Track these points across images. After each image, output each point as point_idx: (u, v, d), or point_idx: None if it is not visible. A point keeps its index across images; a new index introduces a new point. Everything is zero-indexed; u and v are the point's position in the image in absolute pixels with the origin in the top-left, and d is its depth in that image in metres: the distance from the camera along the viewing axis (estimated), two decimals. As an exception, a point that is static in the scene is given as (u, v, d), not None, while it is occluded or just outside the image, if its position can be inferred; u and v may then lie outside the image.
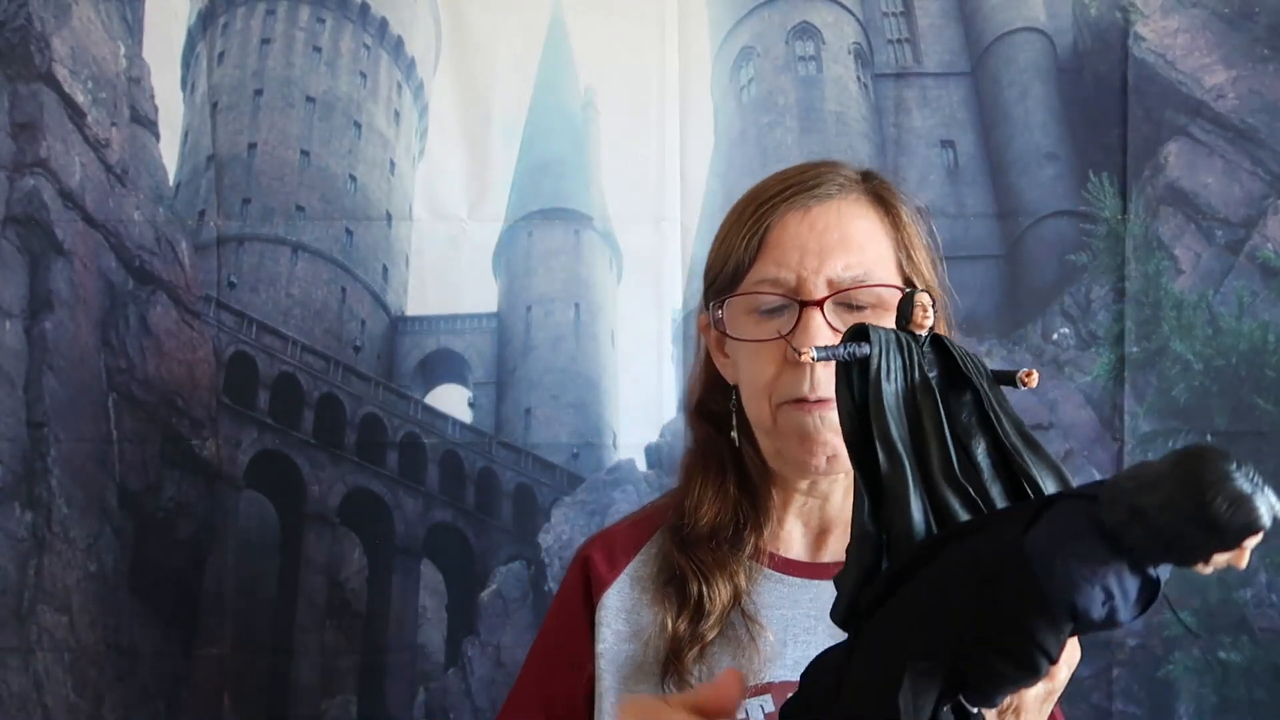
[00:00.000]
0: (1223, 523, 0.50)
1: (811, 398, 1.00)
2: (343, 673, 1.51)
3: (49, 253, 1.48)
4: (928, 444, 0.81)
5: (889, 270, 1.07)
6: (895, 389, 0.82)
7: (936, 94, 1.55)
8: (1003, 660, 0.55)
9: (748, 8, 1.55)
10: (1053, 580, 0.53)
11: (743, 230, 1.06)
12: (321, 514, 1.51)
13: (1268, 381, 1.50)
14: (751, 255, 1.05)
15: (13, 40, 1.48)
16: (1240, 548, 0.53)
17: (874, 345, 0.82)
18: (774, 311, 1.04)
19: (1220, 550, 0.52)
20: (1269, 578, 1.50)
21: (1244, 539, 0.51)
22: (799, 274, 1.03)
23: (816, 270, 1.02)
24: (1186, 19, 1.52)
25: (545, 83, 1.55)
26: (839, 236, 1.05)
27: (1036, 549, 0.54)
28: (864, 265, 1.04)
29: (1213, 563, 0.53)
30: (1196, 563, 0.53)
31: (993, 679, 0.57)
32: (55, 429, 1.47)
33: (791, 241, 1.04)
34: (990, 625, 0.55)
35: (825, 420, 1.01)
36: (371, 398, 1.53)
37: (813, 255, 1.03)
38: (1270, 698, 1.50)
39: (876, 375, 0.81)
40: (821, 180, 1.07)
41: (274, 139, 1.53)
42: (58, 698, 1.46)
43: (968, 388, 0.83)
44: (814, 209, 1.05)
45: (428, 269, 1.54)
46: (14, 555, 1.46)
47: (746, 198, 1.11)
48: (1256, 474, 0.51)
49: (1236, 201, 1.51)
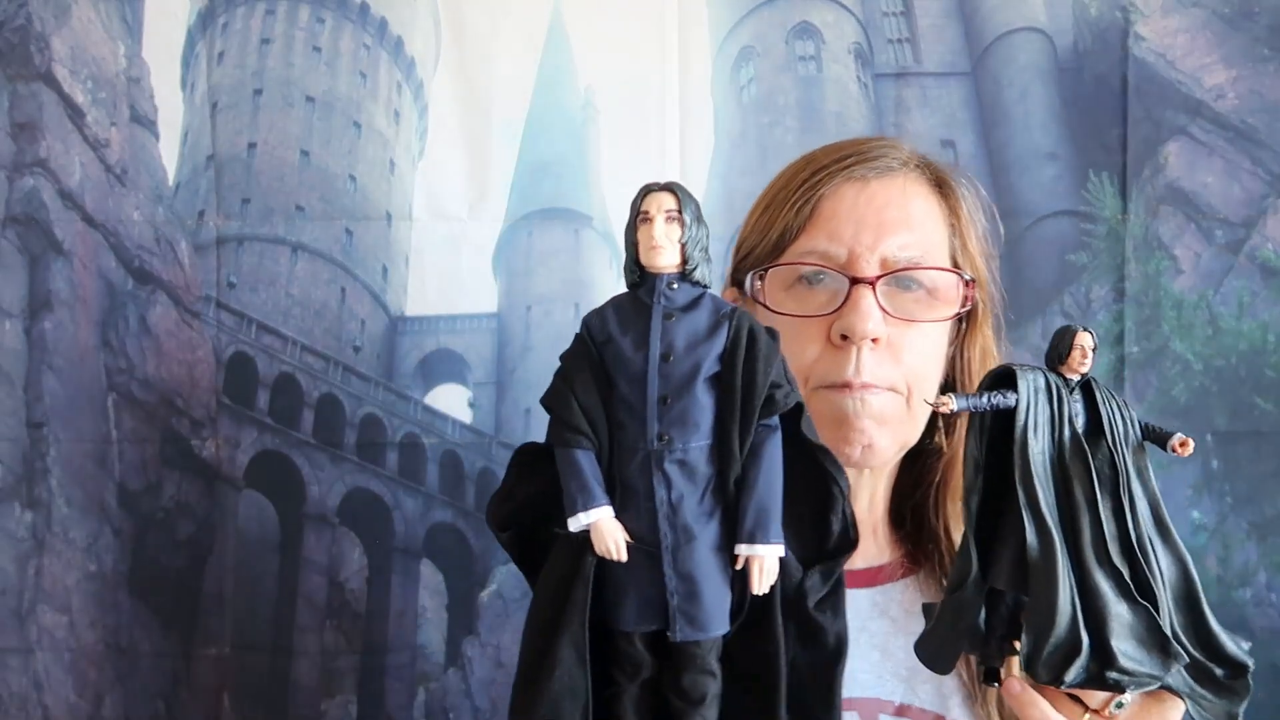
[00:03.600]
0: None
1: (856, 382, 0.95)
2: (343, 673, 1.51)
3: (49, 253, 1.48)
4: (1079, 516, 0.75)
5: (943, 256, 1.01)
6: (1043, 447, 0.75)
7: (936, 94, 1.55)
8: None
9: (748, 8, 1.55)
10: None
11: (792, 198, 0.99)
12: (321, 514, 1.51)
13: (1268, 381, 1.50)
14: (801, 224, 0.98)
15: (13, 40, 1.48)
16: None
17: (1022, 397, 0.75)
18: (817, 286, 0.98)
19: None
20: (1269, 578, 1.50)
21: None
22: (852, 249, 0.96)
23: (871, 246, 0.96)
24: (1186, 19, 1.52)
25: (545, 83, 1.55)
26: (899, 214, 0.98)
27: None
28: (921, 246, 0.98)
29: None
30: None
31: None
32: (55, 429, 1.47)
33: (848, 214, 0.98)
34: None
35: (866, 405, 0.96)
36: (371, 398, 1.53)
37: (869, 230, 0.97)
38: (1270, 698, 1.50)
39: (1024, 433, 0.74)
40: (884, 153, 1.01)
41: (274, 139, 1.53)
42: (58, 698, 1.46)
43: (1105, 445, 0.77)
44: (873, 182, 0.99)
45: (428, 269, 1.54)
46: (14, 555, 1.46)
47: (796, 166, 1.03)
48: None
49: (1236, 201, 1.51)
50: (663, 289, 0.72)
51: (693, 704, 0.72)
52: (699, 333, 0.71)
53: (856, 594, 1.00)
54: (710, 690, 0.72)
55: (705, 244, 0.72)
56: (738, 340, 0.70)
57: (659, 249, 0.71)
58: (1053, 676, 0.73)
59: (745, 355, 0.70)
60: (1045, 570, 0.74)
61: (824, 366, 0.96)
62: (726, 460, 0.70)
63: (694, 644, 0.71)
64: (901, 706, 0.98)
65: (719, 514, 0.71)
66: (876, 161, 1.00)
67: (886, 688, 0.99)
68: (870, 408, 0.96)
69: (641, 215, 0.71)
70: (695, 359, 0.70)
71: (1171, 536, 0.78)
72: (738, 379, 0.70)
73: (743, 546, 0.70)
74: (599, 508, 0.70)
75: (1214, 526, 1.51)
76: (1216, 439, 1.51)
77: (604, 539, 0.70)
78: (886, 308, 0.96)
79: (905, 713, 0.98)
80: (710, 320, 0.71)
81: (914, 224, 0.99)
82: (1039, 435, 0.76)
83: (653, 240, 0.70)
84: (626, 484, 0.71)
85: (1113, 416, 0.79)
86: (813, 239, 0.98)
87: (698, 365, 0.70)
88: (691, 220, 0.71)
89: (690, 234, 0.71)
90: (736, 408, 0.70)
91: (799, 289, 0.98)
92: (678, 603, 0.70)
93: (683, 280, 0.72)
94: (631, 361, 0.71)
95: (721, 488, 0.71)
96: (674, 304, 0.71)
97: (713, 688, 0.72)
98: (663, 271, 0.72)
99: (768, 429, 0.70)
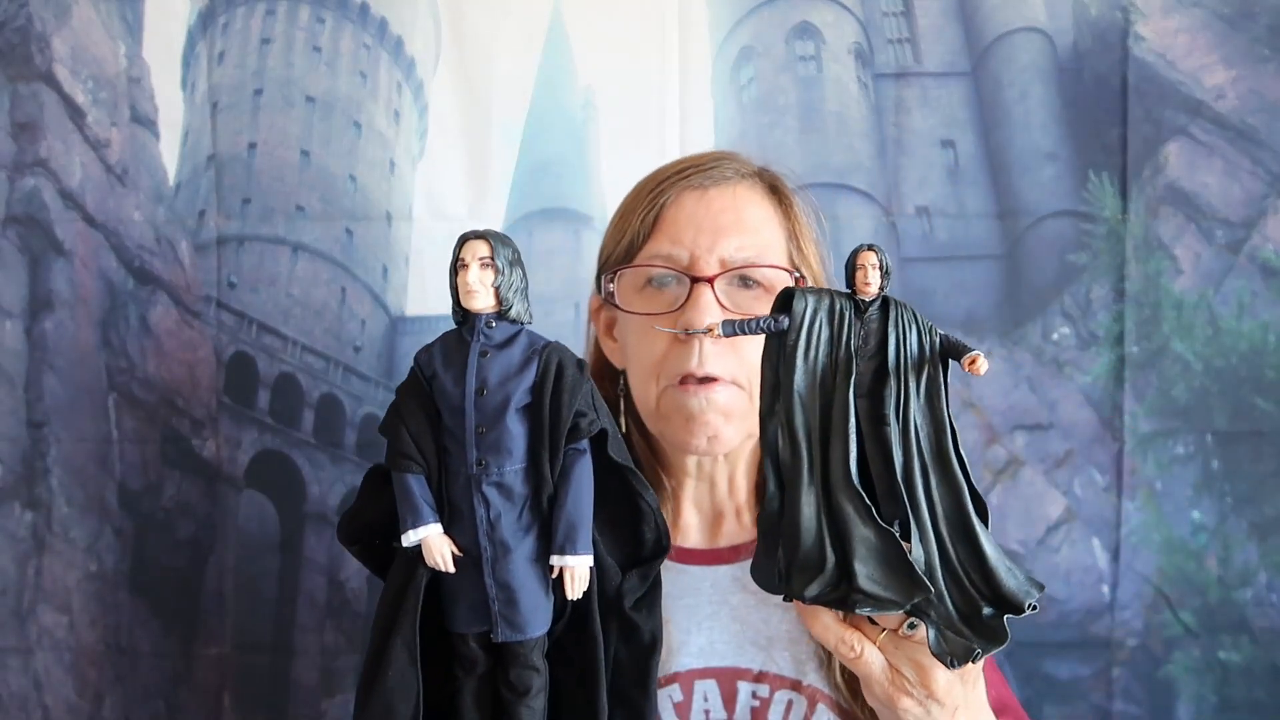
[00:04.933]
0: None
1: (699, 374, 1.03)
2: (343, 673, 1.51)
3: (49, 253, 1.48)
4: (831, 436, 0.79)
5: (779, 256, 1.09)
6: (812, 366, 0.80)
7: (936, 94, 1.55)
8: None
9: (748, 8, 1.55)
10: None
11: (639, 209, 1.09)
12: (321, 514, 1.51)
13: (1268, 381, 1.50)
14: (647, 231, 1.08)
15: (13, 40, 1.48)
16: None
17: (795, 316, 0.80)
18: (665, 287, 1.06)
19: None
20: (1269, 578, 1.50)
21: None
22: (692, 251, 1.05)
23: (710, 248, 1.05)
24: (1186, 19, 1.52)
25: (545, 83, 1.55)
26: (734, 218, 1.07)
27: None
28: (757, 248, 1.07)
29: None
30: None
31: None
32: (55, 429, 1.47)
33: (687, 219, 1.07)
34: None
35: (710, 401, 1.04)
36: (371, 398, 1.53)
37: (707, 233, 1.06)
38: (1270, 698, 1.50)
39: (791, 351, 0.80)
40: (720, 165, 1.11)
41: (274, 139, 1.53)
42: (58, 698, 1.46)
43: (885, 366, 0.79)
44: (711, 190, 1.08)
45: (428, 269, 1.54)
46: (14, 555, 1.46)
47: (643, 181, 1.14)
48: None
49: (1236, 201, 1.51)
50: (481, 328, 0.80)
51: (519, 695, 0.83)
52: (511, 367, 0.80)
53: (719, 570, 1.10)
54: (534, 684, 0.83)
55: (520, 285, 0.80)
56: (546, 373, 0.79)
57: (473, 293, 0.79)
58: (799, 592, 0.79)
59: (553, 387, 0.79)
60: (792, 487, 0.79)
61: (671, 360, 1.05)
62: (539, 482, 0.80)
63: (517, 643, 0.82)
64: (760, 674, 1.06)
65: (535, 529, 0.81)
66: (712, 172, 1.10)
67: (745, 656, 1.06)
68: (715, 403, 1.05)
69: (460, 262, 0.80)
70: (506, 392, 0.79)
71: (951, 467, 0.80)
72: (545, 409, 0.79)
73: (555, 558, 0.80)
74: (426, 525, 0.80)
75: (1214, 526, 1.51)
76: (1216, 439, 1.51)
77: (432, 553, 0.80)
78: (726, 304, 1.04)
79: (763, 679, 1.06)
80: (523, 356, 0.80)
81: (749, 228, 1.08)
82: (811, 354, 0.79)
83: (468, 286, 0.79)
84: (454, 503, 0.81)
85: (901, 336, 0.80)
86: (658, 243, 1.07)
87: (509, 398, 0.78)
88: (505, 265, 0.79)
89: (504, 278, 0.79)
90: (545, 435, 0.79)
91: (648, 291, 1.08)
92: (498, 608, 0.81)
93: (500, 319, 0.80)
94: (452, 395, 0.80)
95: (536, 506, 0.80)
96: (491, 341, 0.80)
97: (537, 681, 0.83)
98: (480, 313, 0.80)
99: (576, 452, 0.80)
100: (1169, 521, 1.51)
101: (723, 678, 1.05)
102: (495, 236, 0.79)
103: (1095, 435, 1.51)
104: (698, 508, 1.14)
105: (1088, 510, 1.51)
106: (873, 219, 1.53)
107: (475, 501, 0.80)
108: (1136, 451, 1.51)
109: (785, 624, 1.07)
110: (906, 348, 0.80)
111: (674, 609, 1.05)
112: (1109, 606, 1.51)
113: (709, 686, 1.04)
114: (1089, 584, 1.51)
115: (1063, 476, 1.52)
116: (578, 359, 0.81)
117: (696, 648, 1.06)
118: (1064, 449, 1.52)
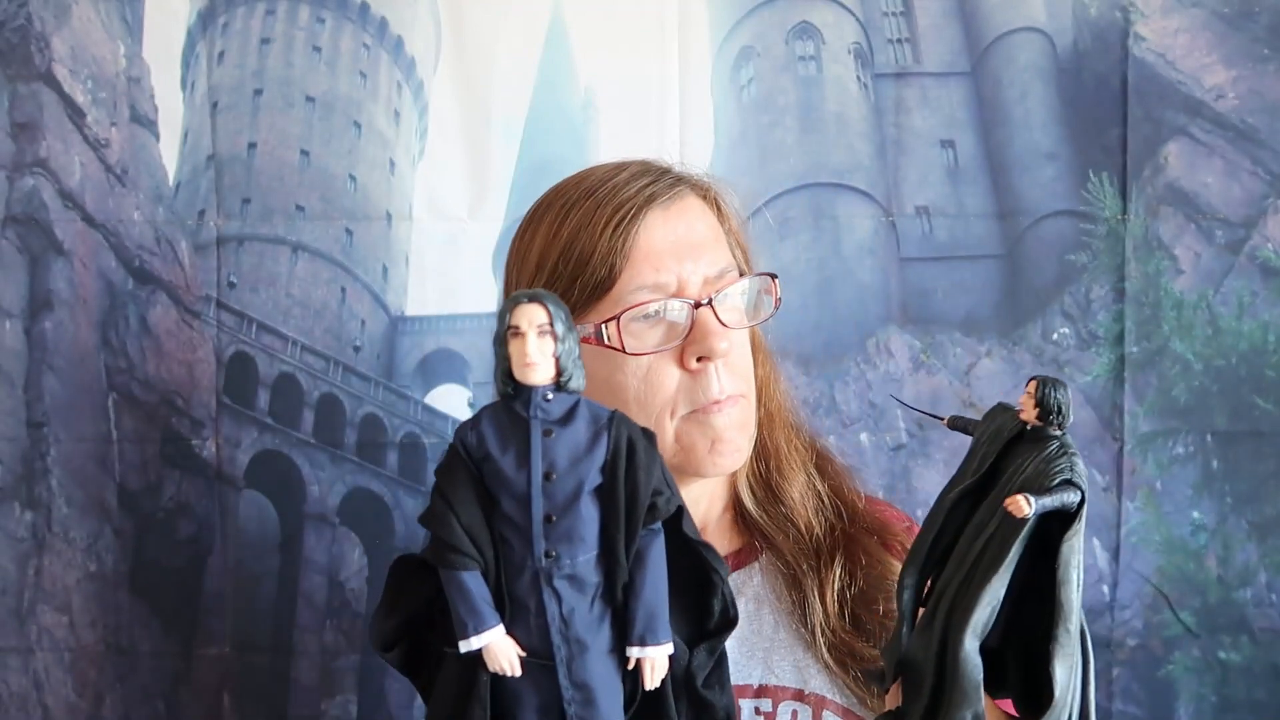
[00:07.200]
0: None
1: (722, 397, 1.00)
2: (343, 673, 1.51)
3: (49, 253, 1.48)
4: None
5: (729, 259, 1.06)
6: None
7: (936, 94, 1.55)
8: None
9: (748, 8, 1.55)
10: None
11: (604, 238, 1.01)
12: (321, 514, 1.51)
13: (1268, 381, 1.50)
14: (623, 262, 1.00)
15: (13, 40, 1.48)
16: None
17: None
18: (652, 321, 1.01)
19: None
20: (1269, 578, 1.50)
21: None
22: (679, 276, 1.00)
23: (694, 271, 1.01)
24: (1186, 19, 1.52)
25: (545, 83, 1.55)
26: (700, 235, 1.03)
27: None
28: (721, 260, 1.04)
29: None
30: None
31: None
32: (55, 429, 1.47)
33: (661, 245, 1.01)
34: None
35: (731, 419, 1.01)
36: (371, 398, 1.53)
37: (687, 259, 1.01)
38: (1270, 698, 1.50)
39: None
40: (666, 179, 1.05)
41: (274, 139, 1.53)
42: (58, 698, 1.46)
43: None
44: (671, 207, 1.03)
45: (428, 269, 1.54)
46: (14, 555, 1.46)
47: (588, 207, 1.04)
48: None
49: (1236, 201, 1.51)
50: (539, 401, 0.70)
51: None
52: (580, 447, 0.71)
53: None
54: None
55: (577, 352, 0.71)
56: (618, 452, 0.71)
57: (534, 366, 0.69)
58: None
59: (627, 466, 0.71)
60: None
61: (686, 391, 1.00)
62: (613, 569, 0.72)
63: None
64: (760, 688, 1.03)
65: (608, 619, 0.73)
66: (672, 188, 1.04)
67: (743, 671, 1.03)
68: (735, 420, 1.02)
69: (512, 330, 0.70)
70: (578, 476, 0.71)
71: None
72: (620, 491, 0.71)
73: (634, 650, 0.72)
74: (490, 630, 0.71)
75: (1214, 526, 1.51)
76: (1216, 439, 1.51)
77: (498, 660, 0.71)
78: (725, 322, 1.00)
79: (764, 694, 1.02)
80: (590, 432, 0.71)
81: (709, 242, 1.04)
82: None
83: (526, 357, 0.69)
84: (516, 599, 0.72)
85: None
86: (640, 275, 1.00)
87: (581, 482, 0.70)
88: (564, 331, 0.70)
89: (563, 346, 0.70)
90: (621, 519, 0.71)
91: (635, 327, 1.01)
92: (575, 710, 0.72)
93: (557, 390, 0.71)
94: (514, 481, 0.71)
95: (609, 593, 0.72)
96: (550, 417, 0.71)
97: None
98: (538, 385, 0.70)
99: (652, 533, 0.72)
100: (1169, 521, 1.51)
101: None
102: (550, 299, 0.70)
103: (1095, 435, 1.51)
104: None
105: (1088, 510, 1.51)
106: (872, 219, 1.53)
107: (545, 597, 0.71)
108: (1136, 451, 1.51)
109: (783, 630, 1.05)
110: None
111: None
112: (1109, 606, 1.51)
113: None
114: (1089, 584, 1.50)
115: (1063, 476, 1.52)
116: (644, 429, 0.74)
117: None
118: (1064, 449, 1.52)
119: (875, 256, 1.53)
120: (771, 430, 1.12)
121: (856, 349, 1.52)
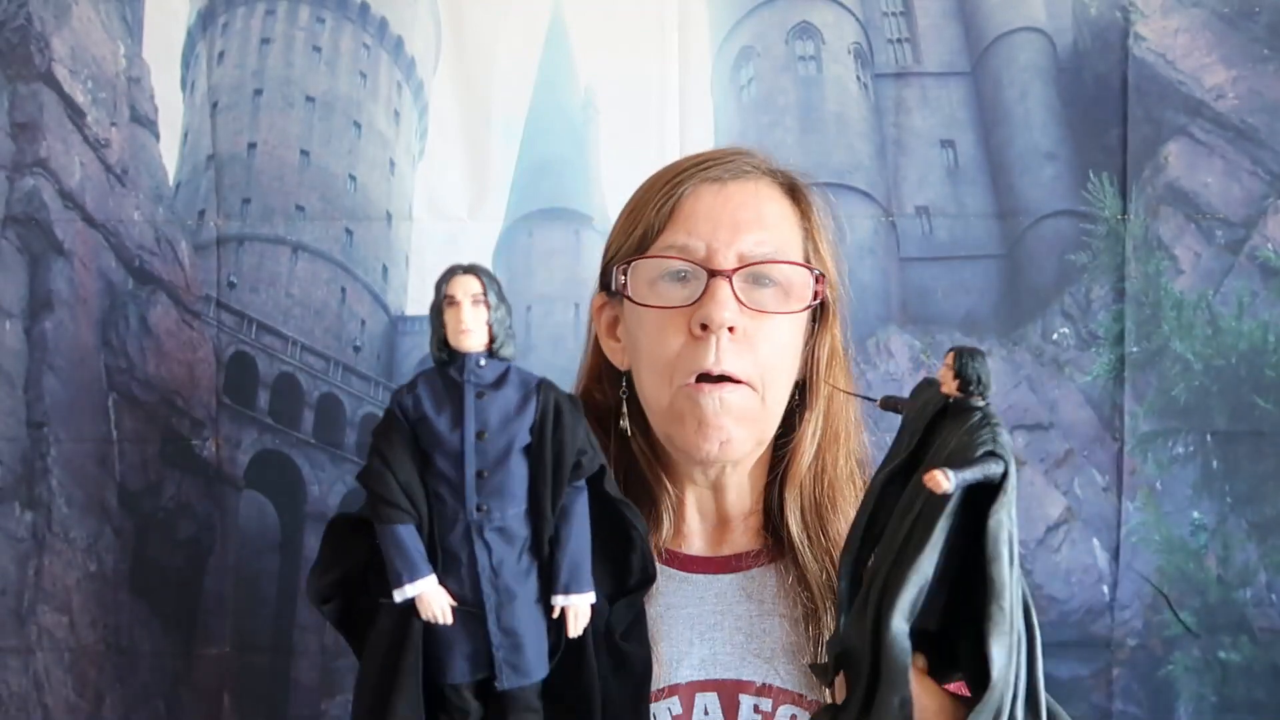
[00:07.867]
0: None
1: (715, 371, 1.00)
2: (343, 673, 1.51)
3: (49, 253, 1.48)
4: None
5: (797, 254, 1.07)
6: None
7: (936, 94, 1.55)
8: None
9: (748, 8, 1.55)
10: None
11: (654, 200, 1.06)
12: (321, 514, 1.51)
13: (1268, 381, 1.50)
14: (662, 222, 1.04)
15: (13, 40, 1.48)
16: None
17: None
18: (679, 283, 1.03)
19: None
20: (1269, 578, 1.50)
21: None
22: (710, 244, 1.02)
23: (728, 242, 1.02)
24: (1186, 19, 1.52)
25: (545, 83, 1.55)
26: (753, 214, 1.05)
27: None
28: (775, 244, 1.04)
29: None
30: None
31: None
32: (55, 429, 1.47)
33: (705, 212, 1.04)
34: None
35: (724, 403, 1.01)
36: (371, 398, 1.53)
37: (725, 228, 1.03)
38: (1270, 698, 1.50)
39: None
40: (738, 160, 1.08)
41: (274, 139, 1.53)
42: (58, 698, 1.46)
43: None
44: (730, 184, 1.06)
45: (428, 269, 1.54)
46: (14, 555, 1.46)
47: (657, 174, 1.10)
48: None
49: (1236, 201, 1.51)
50: (472, 367, 0.76)
51: None
52: (510, 409, 0.76)
53: (723, 579, 1.07)
54: None
55: (509, 322, 0.77)
56: (545, 414, 0.77)
57: (468, 333, 0.75)
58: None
59: (554, 427, 0.77)
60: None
61: (686, 357, 1.02)
62: (540, 522, 0.77)
63: (518, 688, 0.79)
64: (762, 687, 1.03)
65: (534, 571, 0.78)
66: (731, 165, 1.07)
67: (748, 669, 1.03)
68: (729, 406, 1.01)
69: (447, 299, 0.76)
70: (509, 435, 0.76)
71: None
72: (548, 450, 0.77)
73: (559, 598, 0.78)
74: (423, 579, 0.76)
75: (1214, 526, 1.51)
76: (1216, 439, 1.51)
77: (430, 608, 0.77)
78: (743, 299, 1.01)
79: (766, 693, 1.03)
80: (519, 395, 0.77)
81: (768, 224, 1.06)
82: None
83: (461, 325, 0.75)
84: (448, 551, 0.78)
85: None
86: (674, 235, 1.04)
87: (511, 441, 0.76)
88: (496, 301, 0.76)
89: (496, 315, 0.76)
90: (548, 476, 0.77)
91: (661, 285, 1.04)
92: (503, 655, 0.78)
93: (490, 357, 0.77)
94: (448, 440, 0.76)
95: (536, 546, 0.78)
96: (483, 381, 0.77)
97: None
98: (471, 351, 0.76)
99: (576, 490, 0.78)
100: (1169, 521, 1.51)
101: (724, 690, 1.02)
102: (484, 272, 0.76)
103: (1095, 435, 1.51)
104: (701, 514, 1.11)
105: (1088, 510, 1.51)
106: (872, 219, 1.53)
107: (476, 549, 0.77)
108: (1136, 451, 1.51)
109: (790, 636, 1.04)
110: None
111: (675, 619, 1.04)
112: (1109, 606, 1.51)
113: (710, 699, 1.02)
114: (1089, 584, 1.51)
115: (1063, 476, 1.52)
116: (570, 395, 0.79)
117: (698, 659, 1.03)
118: (1064, 449, 1.52)
119: (875, 256, 1.53)
120: (834, 452, 1.10)
121: (856, 349, 1.52)
